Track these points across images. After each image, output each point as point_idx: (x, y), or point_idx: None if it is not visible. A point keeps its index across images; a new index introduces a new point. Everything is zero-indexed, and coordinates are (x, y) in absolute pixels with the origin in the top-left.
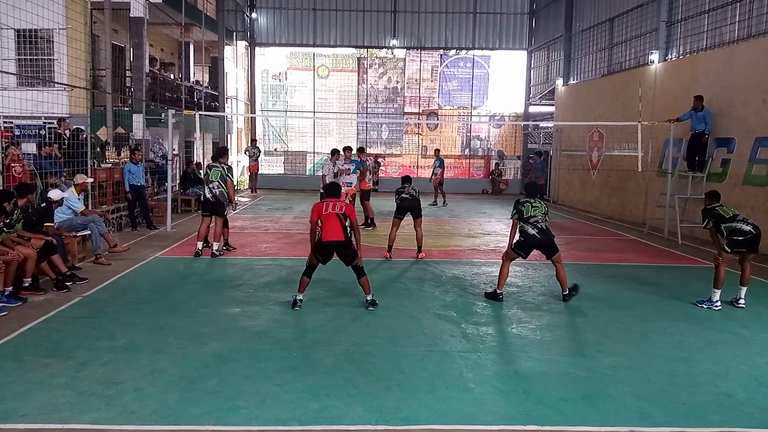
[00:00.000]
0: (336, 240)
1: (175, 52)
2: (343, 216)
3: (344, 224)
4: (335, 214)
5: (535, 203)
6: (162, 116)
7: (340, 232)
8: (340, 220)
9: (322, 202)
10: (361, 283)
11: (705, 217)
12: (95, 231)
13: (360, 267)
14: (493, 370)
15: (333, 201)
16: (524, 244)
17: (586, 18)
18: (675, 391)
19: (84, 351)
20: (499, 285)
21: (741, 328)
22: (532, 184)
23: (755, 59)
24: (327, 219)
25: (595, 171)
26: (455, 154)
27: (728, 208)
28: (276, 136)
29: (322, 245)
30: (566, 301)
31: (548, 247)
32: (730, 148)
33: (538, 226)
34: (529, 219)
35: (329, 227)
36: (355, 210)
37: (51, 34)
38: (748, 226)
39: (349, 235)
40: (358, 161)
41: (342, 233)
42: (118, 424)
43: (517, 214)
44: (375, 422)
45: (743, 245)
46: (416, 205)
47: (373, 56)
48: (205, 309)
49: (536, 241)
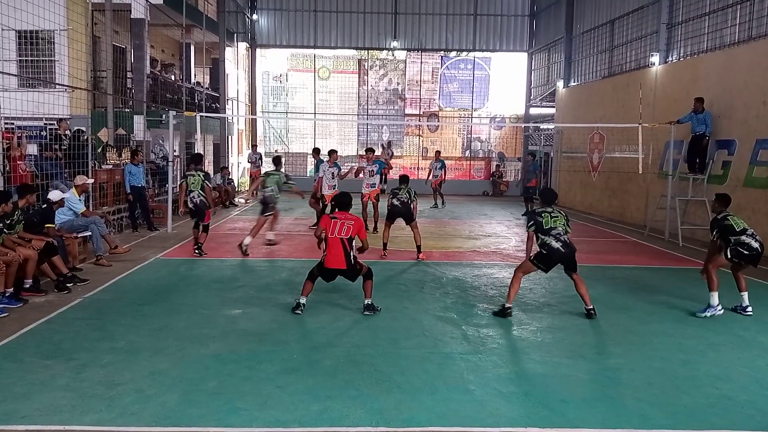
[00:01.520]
0: (337, 268)
1: (176, 54)
2: (348, 241)
3: (347, 251)
4: (340, 240)
5: (554, 213)
6: (163, 117)
7: (343, 260)
8: (344, 247)
9: (331, 218)
10: (365, 286)
11: (714, 227)
12: (96, 232)
13: (368, 272)
14: (494, 372)
15: (342, 218)
16: (548, 259)
17: (587, 20)
18: (676, 394)
19: (85, 352)
20: (508, 299)
21: (742, 330)
22: (548, 191)
23: (756, 61)
24: (332, 243)
25: (596, 173)
26: (456, 155)
27: (740, 219)
28: (277, 138)
29: (324, 270)
30: (591, 318)
31: (570, 261)
32: (730, 150)
33: (561, 239)
34: (550, 231)
35: (332, 253)
36: (364, 226)
37: (52, 35)
38: (756, 243)
39: (352, 263)
40: (381, 162)
41: (344, 262)
42: (118, 425)
43: (535, 225)
44: (376, 424)
45: (745, 258)
46: (406, 212)
47: (374, 58)
48: (206, 310)
49: (560, 255)
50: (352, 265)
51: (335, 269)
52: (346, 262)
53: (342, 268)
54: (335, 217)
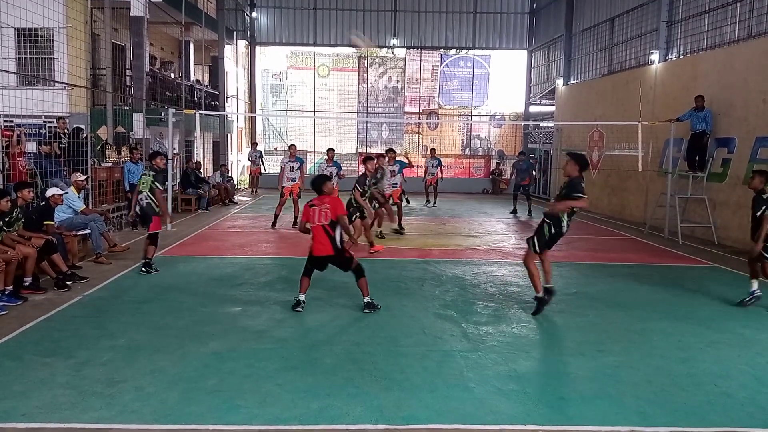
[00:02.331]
0: (326, 255)
1: (175, 51)
2: (330, 226)
3: (332, 236)
4: (322, 227)
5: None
6: (162, 115)
7: (329, 247)
8: (327, 233)
9: (310, 207)
10: (359, 285)
11: (760, 203)
12: (95, 230)
13: (358, 269)
14: (493, 369)
15: (318, 204)
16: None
17: (587, 18)
18: (675, 391)
19: (84, 350)
20: (536, 289)
21: (741, 328)
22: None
23: (755, 59)
24: (315, 232)
25: (596, 171)
26: (455, 153)
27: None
28: (276, 136)
29: (313, 259)
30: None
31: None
32: (730, 148)
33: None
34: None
35: (318, 241)
36: (343, 205)
37: (51, 32)
38: None
39: (339, 248)
40: (402, 162)
41: (331, 247)
42: (118, 423)
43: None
44: (375, 422)
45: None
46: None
47: (374, 56)
48: (206, 308)
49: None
50: (340, 250)
51: (324, 257)
52: (333, 248)
53: (330, 254)
54: (313, 204)
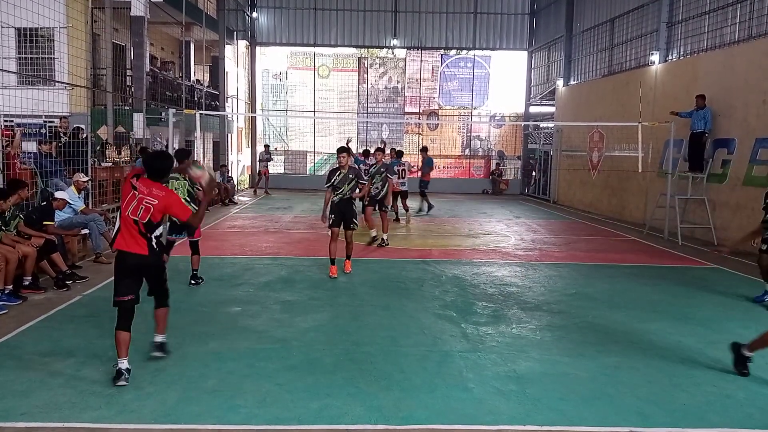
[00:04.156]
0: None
1: (175, 51)
2: (145, 226)
3: (148, 239)
4: (134, 221)
5: None
6: (162, 115)
7: (144, 246)
8: (141, 233)
9: (132, 187)
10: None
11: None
12: (95, 230)
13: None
14: (492, 370)
15: (145, 192)
16: None
17: (587, 18)
18: (675, 392)
19: (84, 350)
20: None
21: (741, 328)
22: None
23: (755, 60)
24: (123, 224)
25: (596, 171)
26: (455, 154)
27: None
28: (276, 136)
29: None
30: None
31: None
32: (730, 149)
33: None
34: None
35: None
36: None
37: (51, 32)
38: None
39: (157, 250)
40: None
41: (146, 247)
42: (117, 422)
43: None
44: (375, 422)
45: None
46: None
47: (374, 56)
48: (205, 308)
49: None
50: (157, 253)
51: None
52: (149, 249)
53: (144, 254)
54: (135, 187)
